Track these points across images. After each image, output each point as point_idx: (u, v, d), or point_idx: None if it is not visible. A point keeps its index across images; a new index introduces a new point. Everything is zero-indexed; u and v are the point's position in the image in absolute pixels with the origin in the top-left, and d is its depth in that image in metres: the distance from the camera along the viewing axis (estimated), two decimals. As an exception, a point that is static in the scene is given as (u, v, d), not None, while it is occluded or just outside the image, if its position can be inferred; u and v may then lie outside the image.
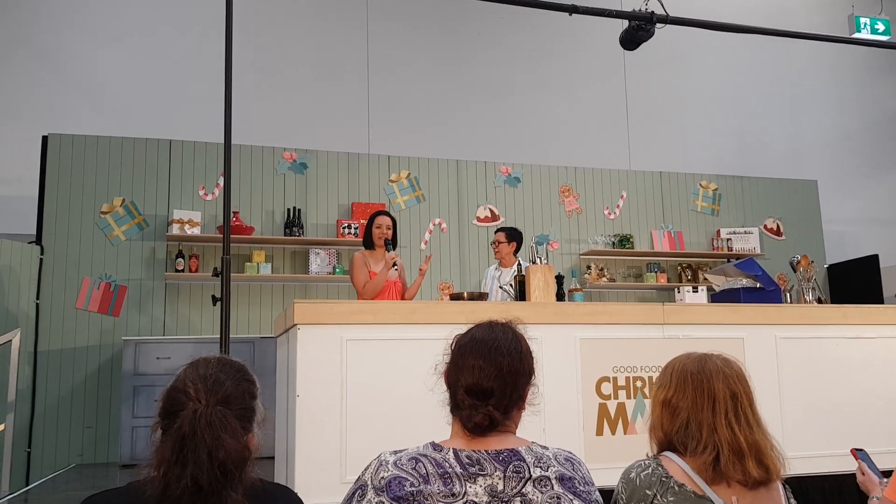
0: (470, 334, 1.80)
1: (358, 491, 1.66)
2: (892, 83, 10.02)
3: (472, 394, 1.70)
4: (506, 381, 1.71)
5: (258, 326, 6.80)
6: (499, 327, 1.81)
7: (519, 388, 1.75)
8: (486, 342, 1.75)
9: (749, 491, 1.81)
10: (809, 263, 4.92)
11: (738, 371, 1.93)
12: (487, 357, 1.72)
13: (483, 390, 1.69)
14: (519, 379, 1.74)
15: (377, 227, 5.15)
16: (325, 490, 3.27)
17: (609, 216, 8.06)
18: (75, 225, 6.45)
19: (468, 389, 1.70)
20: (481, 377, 1.70)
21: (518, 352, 1.76)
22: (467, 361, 1.73)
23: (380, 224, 5.16)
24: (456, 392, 1.73)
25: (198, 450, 1.45)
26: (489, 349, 1.73)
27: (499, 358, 1.72)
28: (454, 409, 1.75)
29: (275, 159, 7.15)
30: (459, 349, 1.78)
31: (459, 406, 1.72)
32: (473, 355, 1.73)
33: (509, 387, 1.71)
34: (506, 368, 1.71)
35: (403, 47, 8.34)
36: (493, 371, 1.70)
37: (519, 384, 1.74)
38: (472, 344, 1.76)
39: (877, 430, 4.02)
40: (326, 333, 3.47)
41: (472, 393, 1.70)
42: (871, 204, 9.55)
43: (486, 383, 1.69)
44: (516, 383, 1.73)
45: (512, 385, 1.72)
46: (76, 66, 7.43)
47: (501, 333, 1.78)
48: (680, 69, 9.10)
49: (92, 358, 6.30)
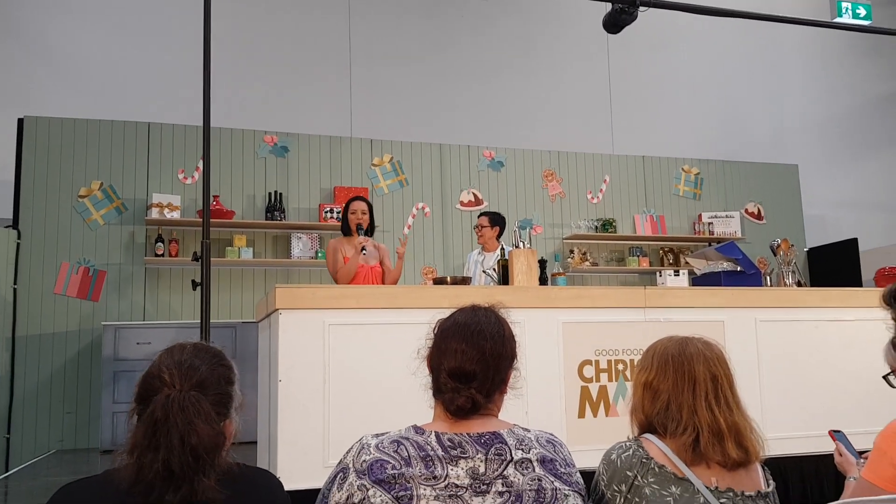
0: (453, 318, 1.81)
1: (340, 474, 1.66)
2: (873, 68, 10.08)
3: (455, 377, 1.70)
4: (488, 365, 1.71)
5: (240, 311, 6.76)
6: (482, 311, 1.81)
7: (501, 371, 1.75)
8: (469, 326, 1.75)
9: (728, 472, 1.83)
10: (789, 247, 4.95)
11: (718, 354, 1.95)
12: (470, 341, 1.72)
13: (466, 373, 1.70)
14: (501, 362, 1.75)
15: (352, 213, 5.18)
16: (308, 474, 3.28)
17: (592, 200, 8.07)
18: (53, 209, 6.38)
19: (451, 373, 1.70)
20: (464, 360, 1.70)
21: (501, 335, 1.77)
22: (450, 345, 1.73)
23: (354, 210, 5.18)
24: (439, 375, 1.74)
25: (170, 434, 1.45)
26: (472, 333, 1.74)
27: (482, 342, 1.72)
28: (437, 393, 1.75)
29: (255, 142, 7.09)
30: (442, 333, 1.78)
31: (442, 389, 1.72)
32: (456, 339, 1.73)
33: (492, 370, 1.72)
34: (489, 352, 1.72)
35: (386, 30, 8.28)
36: (476, 355, 1.71)
37: (501, 368, 1.75)
38: (455, 328, 1.77)
39: (854, 412, 4.06)
40: (308, 318, 3.46)
41: (455, 376, 1.70)
42: (851, 188, 9.63)
43: (469, 367, 1.70)
44: (499, 367, 1.74)
45: (494, 368, 1.73)
46: (53, 47, 7.32)
47: (484, 317, 1.79)
48: (663, 53, 9.11)
49: (71, 343, 6.25)
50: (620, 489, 1.82)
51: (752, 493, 1.83)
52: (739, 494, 1.82)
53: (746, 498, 1.82)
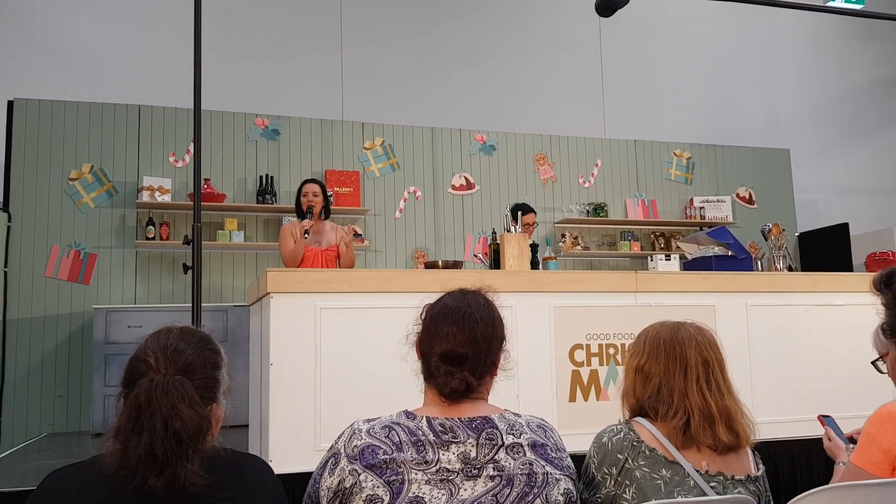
0: (442, 302, 1.81)
1: (331, 459, 1.66)
2: (865, 52, 10.07)
3: (447, 360, 1.70)
4: (480, 347, 1.72)
5: (231, 295, 6.75)
6: (470, 294, 1.82)
7: (492, 353, 1.76)
8: (459, 309, 1.76)
9: (718, 456, 1.84)
10: (780, 232, 4.96)
11: (710, 339, 1.96)
12: (461, 324, 1.73)
13: (458, 356, 1.70)
14: (492, 344, 1.76)
15: (304, 196, 5.21)
16: (300, 458, 3.28)
17: (584, 184, 8.07)
18: (43, 192, 6.34)
19: (443, 356, 1.71)
20: (456, 343, 1.71)
21: (491, 318, 1.78)
22: (441, 329, 1.73)
23: (306, 192, 5.23)
24: (430, 360, 1.74)
25: (153, 418, 1.44)
26: (462, 316, 1.74)
27: (472, 324, 1.73)
28: (428, 377, 1.75)
29: (246, 126, 7.05)
30: (432, 318, 1.78)
31: (434, 374, 1.72)
32: (447, 323, 1.74)
33: (483, 352, 1.73)
34: (480, 334, 1.73)
35: (378, 12, 8.22)
36: (468, 337, 1.71)
37: (492, 349, 1.76)
38: (445, 311, 1.77)
39: (844, 396, 4.09)
40: (300, 302, 3.45)
41: (447, 359, 1.70)
42: (842, 173, 9.64)
43: (461, 349, 1.70)
44: (490, 349, 1.75)
45: (486, 350, 1.74)
46: (42, 30, 7.24)
47: (473, 300, 1.79)
48: (655, 37, 9.07)
49: (62, 326, 6.23)
50: (611, 472, 1.83)
51: (741, 476, 1.85)
52: (730, 478, 1.83)
53: (736, 482, 1.83)
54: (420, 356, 1.79)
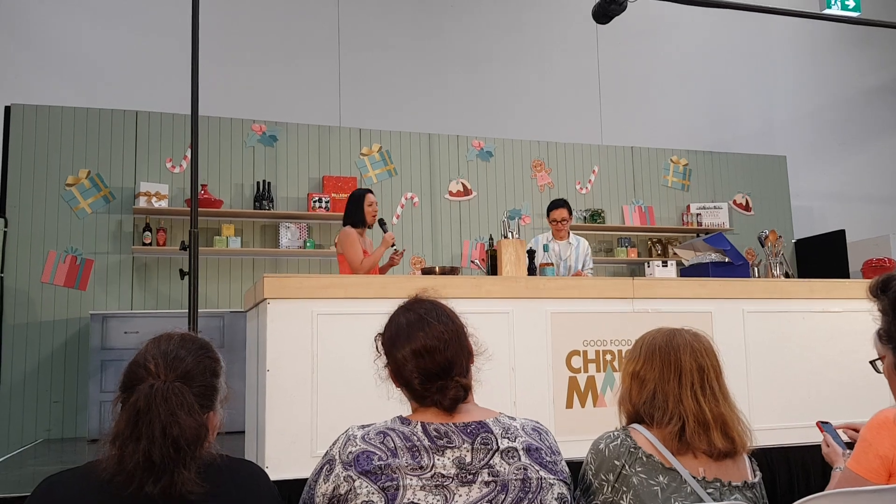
0: (394, 325, 1.78)
1: (326, 465, 1.65)
2: (862, 60, 10.10)
3: (433, 377, 1.68)
4: (450, 344, 1.71)
5: (228, 300, 6.74)
6: (415, 306, 1.80)
7: (463, 343, 1.75)
8: (418, 324, 1.73)
9: (715, 462, 1.84)
10: (777, 238, 4.97)
11: (706, 346, 1.95)
12: (429, 335, 1.70)
13: (443, 368, 1.68)
14: (461, 336, 1.75)
15: (369, 206, 5.19)
16: (296, 464, 3.27)
17: (581, 191, 8.08)
18: (40, 197, 6.33)
19: (427, 376, 1.68)
20: (434, 360, 1.68)
21: (445, 314, 1.77)
22: (408, 355, 1.70)
23: (371, 202, 5.21)
24: (412, 384, 1.70)
25: (152, 425, 1.44)
26: (425, 326, 1.72)
27: (438, 330, 1.71)
28: (421, 401, 1.71)
29: (244, 131, 7.05)
30: (393, 343, 1.75)
31: (425, 394, 1.69)
32: (413, 342, 1.70)
33: (455, 346, 1.71)
34: (449, 335, 1.71)
35: (375, 18, 8.24)
36: (440, 344, 1.69)
37: (462, 341, 1.75)
38: (403, 332, 1.74)
39: (841, 403, 4.09)
40: (296, 308, 3.45)
41: (433, 376, 1.68)
42: (838, 180, 9.67)
43: (440, 357, 1.69)
44: (460, 340, 1.74)
45: (457, 344, 1.72)
46: (40, 35, 7.24)
47: (422, 309, 1.77)
48: (652, 44, 9.10)
49: (59, 332, 6.21)
50: (608, 478, 1.83)
51: (738, 483, 1.84)
52: (726, 484, 1.82)
53: (733, 488, 1.83)
54: (399, 385, 1.76)
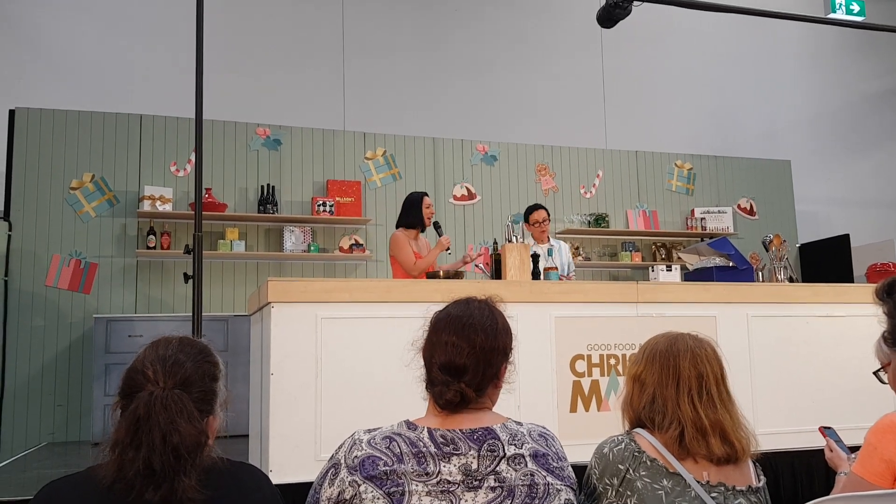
0: (446, 311, 1.79)
1: (331, 470, 1.65)
2: (866, 64, 10.09)
3: (446, 371, 1.69)
4: (479, 359, 1.69)
5: (231, 304, 6.75)
6: (475, 304, 1.79)
7: (494, 365, 1.73)
8: (461, 318, 1.74)
9: (716, 467, 1.84)
10: (781, 243, 4.96)
11: (709, 351, 1.95)
12: (461, 333, 1.70)
13: (457, 368, 1.68)
14: (494, 356, 1.72)
15: (427, 208, 5.25)
16: (300, 468, 3.27)
17: (585, 195, 8.07)
18: (44, 201, 6.34)
19: (442, 367, 1.69)
20: (455, 354, 1.69)
21: (493, 329, 1.74)
22: (441, 338, 1.72)
23: (428, 204, 5.27)
24: (431, 369, 1.72)
25: (152, 433, 1.44)
26: (463, 325, 1.72)
27: (472, 335, 1.70)
28: (429, 386, 1.74)
29: (248, 135, 7.06)
30: (435, 326, 1.77)
31: (434, 382, 1.71)
32: (448, 332, 1.72)
33: (483, 364, 1.70)
34: (479, 345, 1.70)
35: (379, 23, 8.25)
36: (467, 348, 1.69)
37: (494, 361, 1.73)
38: (447, 320, 1.75)
39: (845, 408, 4.07)
40: (300, 311, 3.45)
41: (446, 370, 1.69)
42: (843, 184, 9.65)
43: (460, 360, 1.68)
44: (490, 360, 1.72)
45: (486, 362, 1.70)
46: (44, 39, 7.26)
47: (477, 310, 1.76)
48: (657, 48, 9.10)
49: (62, 335, 6.22)
50: (612, 482, 1.83)
51: (742, 487, 1.84)
52: (731, 489, 1.82)
53: (737, 492, 1.82)
54: (424, 364, 1.77)
